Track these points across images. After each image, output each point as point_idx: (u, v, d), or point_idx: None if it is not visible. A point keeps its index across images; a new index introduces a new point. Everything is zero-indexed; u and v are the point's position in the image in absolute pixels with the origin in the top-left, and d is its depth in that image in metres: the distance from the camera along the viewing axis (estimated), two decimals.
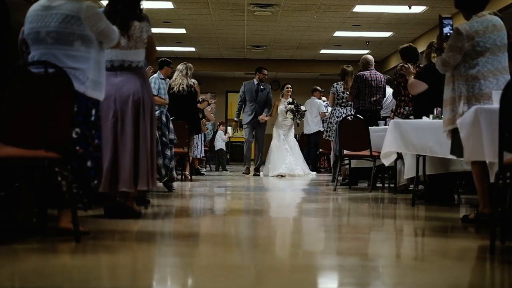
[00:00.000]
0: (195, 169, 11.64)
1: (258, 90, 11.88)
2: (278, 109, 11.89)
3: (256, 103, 11.82)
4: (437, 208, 5.91)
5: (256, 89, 11.91)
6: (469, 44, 4.61)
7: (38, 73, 3.53)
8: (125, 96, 4.65)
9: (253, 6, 12.09)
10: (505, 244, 3.64)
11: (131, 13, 4.67)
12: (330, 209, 6.37)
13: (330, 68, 18.29)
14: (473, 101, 4.57)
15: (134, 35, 4.70)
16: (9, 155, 3.45)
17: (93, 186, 3.95)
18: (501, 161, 3.45)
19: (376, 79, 8.69)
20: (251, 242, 4.03)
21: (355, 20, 13.24)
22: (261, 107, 11.85)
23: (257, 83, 11.97)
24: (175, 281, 2.84)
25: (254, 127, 11.88)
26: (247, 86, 11.98)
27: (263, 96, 11.89)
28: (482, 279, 2.98)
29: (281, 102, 11.93)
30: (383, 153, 6.57)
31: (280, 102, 11.93)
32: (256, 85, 11.98)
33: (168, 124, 6.78)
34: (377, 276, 2.95)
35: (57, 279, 2.73)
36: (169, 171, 6.75)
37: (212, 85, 20.29)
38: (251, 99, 11.86)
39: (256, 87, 11.96)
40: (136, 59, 4.75)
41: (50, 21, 3.82)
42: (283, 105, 11.83)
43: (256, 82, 11.97)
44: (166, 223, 4.85)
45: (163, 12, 12.71)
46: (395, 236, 4.45)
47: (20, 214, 3.89)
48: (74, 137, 3.76)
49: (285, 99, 11.97)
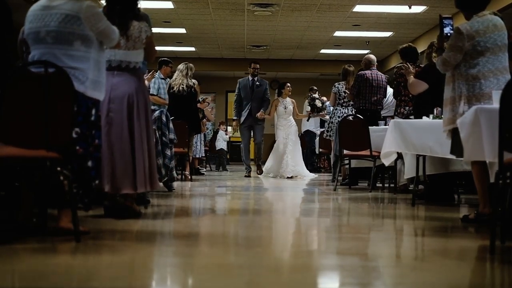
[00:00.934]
0: (195, 169, 11.64)
1: (253, 87, 11.26)
2: (276, 109, 11.44)
3: (252, 101, 11.21)
4: (437, 208, 5.91)
5: (252, 86, 11.27)
6: (469, 44, 4.61)
7: (38, 73, 3.53)
8: (120, 97, 4.63)
9: (253, 6, 12.09)
10: (505, 244, 3.63)
11: (129, 13, 4.67)
12: (330, 209, 6.37)
13: (330, 68, 18.30)
14: (473, 100, 4.57)
15: (133, 36, 4.69)
16: (9, 155, 3.45)
17: (93, 186, 3.95)
18: (501, 161, 3.45)
19: (377, 79, 8.68)
20: (251, 242, 4.02)
21: (355, 20, 13.24)
22: (258, 105, 11.23)
23: (252, 79, 11.33)
24: (174, 281, 2.83)
25: (251, 127, 11.33)
26: (242, 83, 11.37)
27: (260, 93, 11.26)
28: (482, 279, 2.98)
29: (279, 102, 11.44)
30: (383, 153, 6.57)
31: (279, 102, 11.44)
32: (251, 81, 11.33)
33: (168, 124, 6.78)
34: (377, 276, 2.95)
35: (57, 279, 2.73)
36: (169, 171, 6.75)
37: (212, 85, 20.31)
38: (246, 97, 11.26)
39: (251, 83, 11.31)
40: (134, 59, 4.74)
41: (50, 20, 3.82)
42: (282, 106, 11.39)
43: (251, 78, 11.34)
44: (166, 223, 4.85)
45: (163, 12, 12.71)
46: (395, 236, 4.45)
47: (20, 214, 3.89)
48: (74, 137, 3.76)
49: (283, 98, 11.47)
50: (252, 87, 11.27)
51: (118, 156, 4.55)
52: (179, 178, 9.27)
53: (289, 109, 11.39)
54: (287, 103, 11.43)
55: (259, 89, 11.26)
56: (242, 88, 11.31)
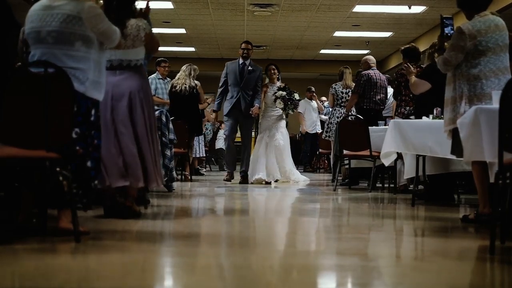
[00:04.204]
0: (195, 169, 11.63)
1: (244, 72, 9.13)
2: (265, 96, 9.36)
3: (241, 89, 9.09)
4: (437, 208, 5.91)
5: (241, 70, 9.15)
6: (471, 43, 4.61)
7: (38, 73, 3.53)
8: (122, 94, 4.65)
9: (253, 6, 12.09)
10: (505, 244, 3.63)
11: (125, 10, 4.66)
12: (330, 209, 6.37)
13: (330, 68, 18.29)
14: (474, 100, 4.57)
15: (131, 34, 4.70)
16: (9, 155, 3.44)
17: (93, 186, 3.95)
18: (501, 161, 3.45)
19: (380, 79, 8.70)
20: (251, 242, 4.03)
21: (355, 20, 13.24)
22: (249, 94, 9.11)
23: (242, 63, 9.20)
24: (174, 281, 2.83)
25: (237, 120, 9.22)
26: (230, 66, 9.28)
27: (251, 80, 9.12)
28: (482, 279, 2.98)
29: (268, 88, 9.39)
30: (383, 153, 6.57)
31: (268, 88, 9.39)
32: (242, 65, 9.20)
33: (168, 124, 6.78)
34: (377, 276, 2.95)
35: (57, 279, 2.73)
36: (169, 171, 6.75)
37: (212, 85, 20.25)
38: (234, 82, 9.13)
39: (242, 67, 9.18)
40: (134, 57, 4.75)
41: (51, 20, 3.82)
42: (271, 91, 9.33)
43: (242, 61, 9.23)
44: (166, 223, 4.85)
45: (163, 12, 12.71)
46: (395, 236, 4.45)
47: (20, 214, 3.89)
48: (73, 137, 3.76)
49: (272, 83, 9.42)
50: (242, 72, 9.16)
51: (127, 153, 4.57)
52: (179, 178, 9.27)
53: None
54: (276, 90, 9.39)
55: (251, 76, 9.14)
56: (229, 73, 9.26)
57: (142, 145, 4.63)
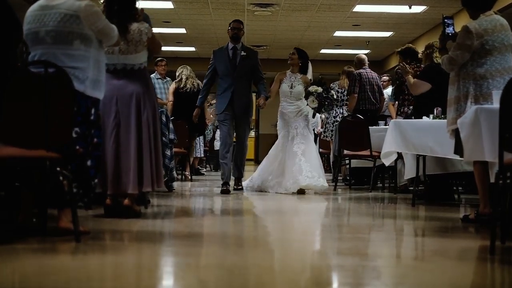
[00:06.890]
0: (195, 169, 11.63)
1: (236, 58, 7.37)
2: (280, 87, 7.70)
3: (235, 81, 7.29)
4: (437, 208, 5.91)
5: (233, 57, 7.37)
6: (478, 42, 4.60)
7: (38, 73, 3.53)
8: (127, 96, 4.68)
9: (253, 6, 12.09)
10: (505, 244, 3.63)
11: (126, 13, 4.67)
12: (330, 209, 6.37)
13: (330, 68, 18.27)
14: (480, 100, 4.55)
15: (134, 40, 4.73)
16: (9, 155, 3.44)
17: (93, 185, 3.95)
18: (501, 161, 3.45)
19: (372, 77, 8.70)
20: (251, 242, 4.02)
21: (355, 20, 13.24)
22: (244, 87, 7.37)
23: (232, 47, 7.41)
24: (174, 281, 2.83)
25: (233, 120, 7.36)
26: (218, 53, 7.50)
27: (246, 68, 7.34)
28: (482, 279, 2.98)
29: (285, 76, 7.71)
30: (383, 153, 6.57)
31: (284, 76, 7.71)
32: (232, 50, 7.40)
33: (168, 124, 6.78)
34: (377, 276, 2.95)
35: (57, 279, 2.73)
36: (169, 171, 6.75)
37: None
38: (225, 73, 7.33)
39: (232, 53, 7.38)
40: (138, 62, 4.80)
41: (49, 20, 3.82)
42: (287, 83, 7.64)
43: (232, 45, 7.42)
44: (166, 223, 4.85)
45: (163, 12, 12.71)
46: (395, 236, 4.45)
47: (20, 214, 3.89)
48: (73, 136, 3.76)
49: (292, 72, 7.71)
50: (233, 59, 7.38)
51: (124, 157, 4.58)
52: (179, 178, 9.27)
53: (298, 89, 7.64)
54: (295, 80, 7.70)
55: (245, 63, 7.36)
56: (218, 62, 7.46)
57: (143, 149, 4.64)
